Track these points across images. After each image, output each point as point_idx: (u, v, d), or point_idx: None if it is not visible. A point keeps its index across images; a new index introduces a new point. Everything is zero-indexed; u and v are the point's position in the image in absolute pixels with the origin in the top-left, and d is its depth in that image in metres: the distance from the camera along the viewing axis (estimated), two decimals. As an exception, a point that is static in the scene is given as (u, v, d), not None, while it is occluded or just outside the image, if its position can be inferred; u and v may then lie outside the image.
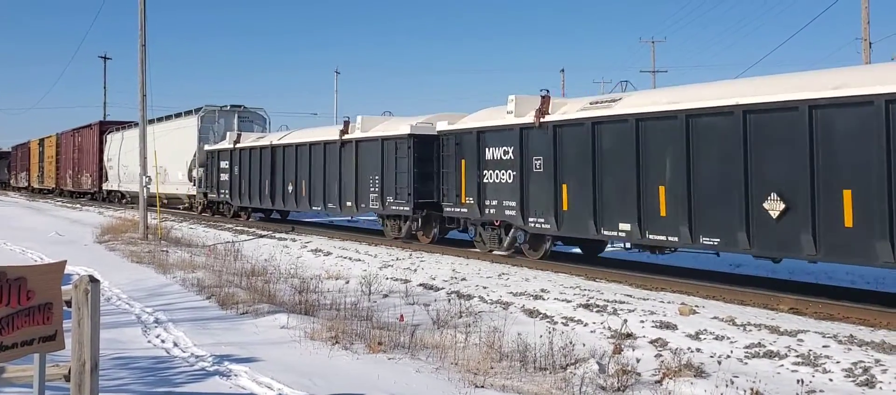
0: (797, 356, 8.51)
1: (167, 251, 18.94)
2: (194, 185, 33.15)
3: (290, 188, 25.64)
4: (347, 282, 14.51)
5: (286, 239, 22.79)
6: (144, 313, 11.00)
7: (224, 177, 30.38)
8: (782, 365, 8.32)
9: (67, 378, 4.99)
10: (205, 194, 32.49)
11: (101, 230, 24.73)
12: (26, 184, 67.45)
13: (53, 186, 57.80)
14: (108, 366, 7.40)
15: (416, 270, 15.85)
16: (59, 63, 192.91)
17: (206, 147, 32.11)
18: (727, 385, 7.51)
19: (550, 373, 8.00)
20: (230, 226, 27.84)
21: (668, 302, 11.56)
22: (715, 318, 10.37)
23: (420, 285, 14.23)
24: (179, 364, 8.06)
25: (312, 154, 24.44)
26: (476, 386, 7.33)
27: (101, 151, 45.69)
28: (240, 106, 34.03)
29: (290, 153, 25.83)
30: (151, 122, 37.83)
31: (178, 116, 36.05)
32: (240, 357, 8.24)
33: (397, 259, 17.54)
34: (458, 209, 18.19)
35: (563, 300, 11.89)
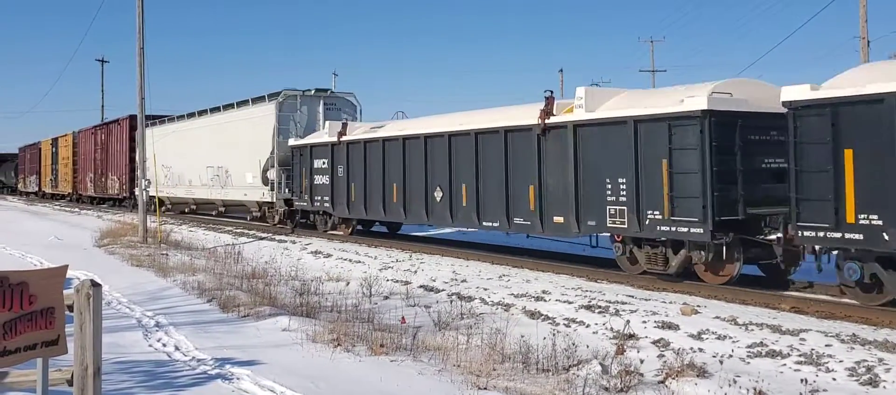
0: (800, 356, 8.50)
1: (167, 255, 18.91)
2: (270, 189, 26.60)
3: (439, 195, 18.34)
4: (348, 284, 14.50)
5: (286, 241, 22.76)
6: (145, 316, 10.98)
7: (321, 179, 23.42)
8: (785, 365, 8.31)
9: (70, 383, 4.99)
10: (287, 202, 25.88)
11: (100, 234, 24.70)
12: (37, 188, 61.39)
13: (70, 190, 51.18)
14: (111, 370, 7.38)
15: (416, 271, 15.84)
16: (55, 65, 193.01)
17: (291, 142, 25.46)
18: (730, 385, 7.50)
19: (553, 374, 7.99)
20: (229, 228, 27.78)
21: (670, 302, 11.55)
22: (717, 318, 10.36)
23: (421, 286, 14.22)
24: (181, 368, 8.05)
25: (482, 148, 17.10)
26: (479, 388, 7.32)
27: (132, 150, 37.59)
28: (326, 90, 27.76)
29: (440, 147, 18.35)
30: (204, 113, 32.59)
31: (243, 104, 29.27)
32: (241, 360, 8.22)
33: (397, 261, 17.52)
34: (838, 235, 10.67)
35: (564, 302, 11.88)
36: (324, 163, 23.40)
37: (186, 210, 35.94)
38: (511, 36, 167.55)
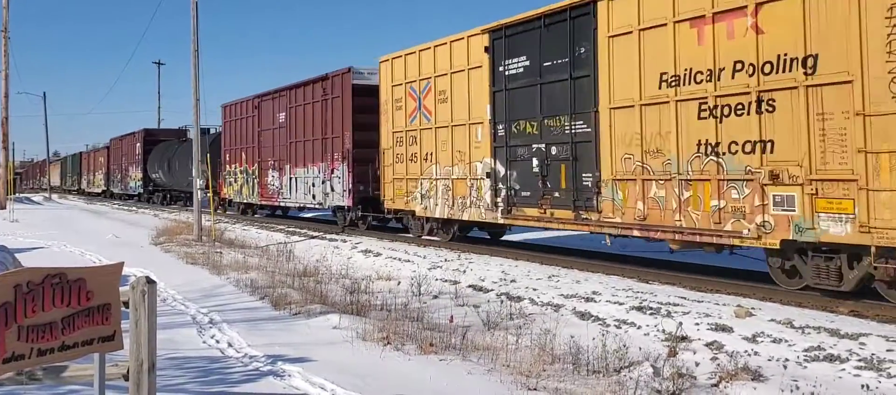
0: (859, 360, 8.26)
1: (221, 253, 19.21)
2: None
3: None
4: (398, 283, 14.55)
5: (337, 240, 22.93)
6: (199, 313, 11.17)
7: None
8: (844, 369, 8.08)
9: (126, 377, 5.09)
10: None
11: (156, 233, 25.21)
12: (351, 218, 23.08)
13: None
14: (165, 366, 7.51)
15: (465, 271, 15.82)
16: (111, 69, 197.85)
17: None
18: (791, 391, 7.33)
19: (604, 376, 7.90)
20: (281, 227, 27.99)
21: (724, 304, 11.34)
22: (772, 320, 10.13)
23: (469, 286, 14.20)
24: (234, 364, 8.16)
25: None
26: (528, 389, 7.28)
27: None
28: None
29: None
30: None
31: None
32: (293, 357, 8.31)
33: (446, 261, 17.52)
34: None
35: (615, 303, 11.75)
36: None
37: None
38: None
